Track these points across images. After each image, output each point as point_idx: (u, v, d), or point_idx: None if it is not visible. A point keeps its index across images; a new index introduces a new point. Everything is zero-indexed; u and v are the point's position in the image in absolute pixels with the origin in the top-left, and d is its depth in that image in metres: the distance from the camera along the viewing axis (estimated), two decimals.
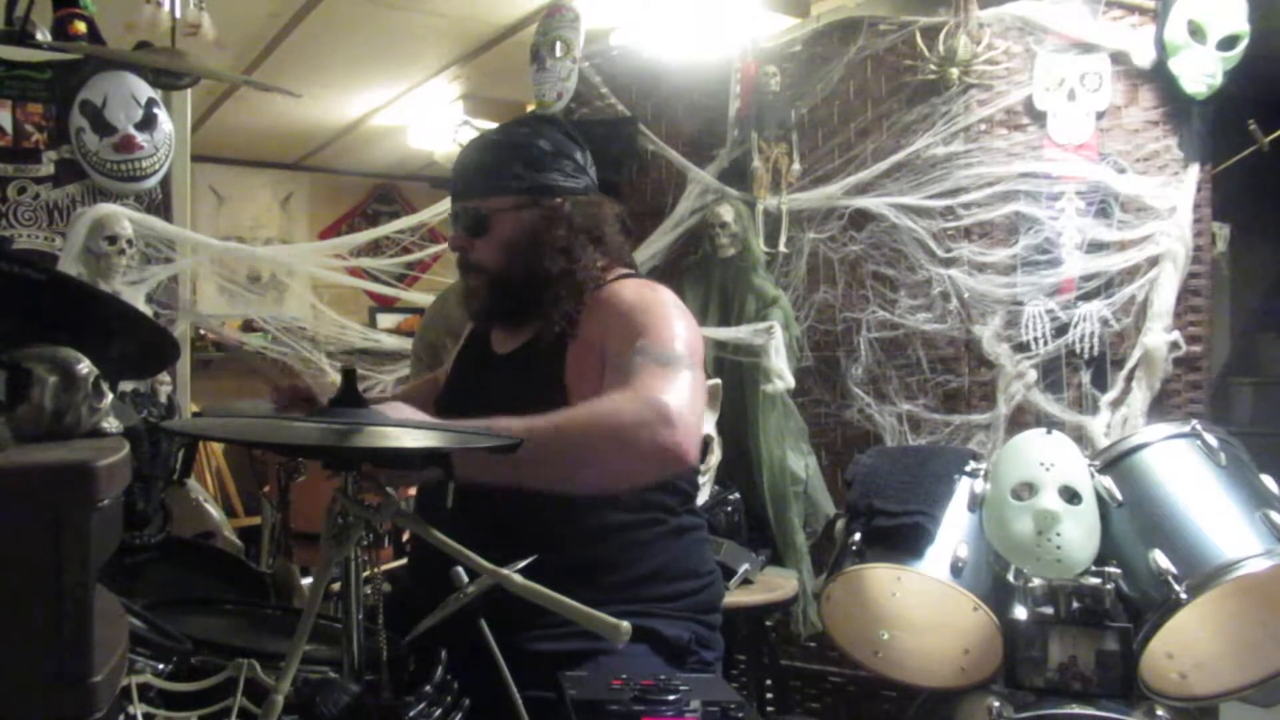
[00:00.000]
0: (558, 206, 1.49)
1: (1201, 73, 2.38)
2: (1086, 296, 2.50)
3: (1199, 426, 1.95)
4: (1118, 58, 2.51)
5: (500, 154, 1.52)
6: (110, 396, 0.92)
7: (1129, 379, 2.45)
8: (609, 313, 1.45)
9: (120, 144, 2.65)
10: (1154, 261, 2.43)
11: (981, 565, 1.92)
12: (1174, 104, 2.45)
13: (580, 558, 1.37)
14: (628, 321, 1.42)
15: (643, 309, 1.44)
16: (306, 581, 2.23)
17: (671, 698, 1.08)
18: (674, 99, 3.06)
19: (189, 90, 2.96)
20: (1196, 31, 2.38)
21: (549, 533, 1.29)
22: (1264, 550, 1.71)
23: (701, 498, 2.54)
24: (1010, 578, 1.88)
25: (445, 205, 2.99)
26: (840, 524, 2.10)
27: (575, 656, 1.32)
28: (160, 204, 2.78)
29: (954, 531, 1.94)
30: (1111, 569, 1.81)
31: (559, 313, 1.47)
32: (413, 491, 1.57)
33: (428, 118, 5.01)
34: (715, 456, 2.59)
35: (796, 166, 2.85)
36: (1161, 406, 2.43)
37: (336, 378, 2.85)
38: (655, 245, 2.92)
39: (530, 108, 3.42)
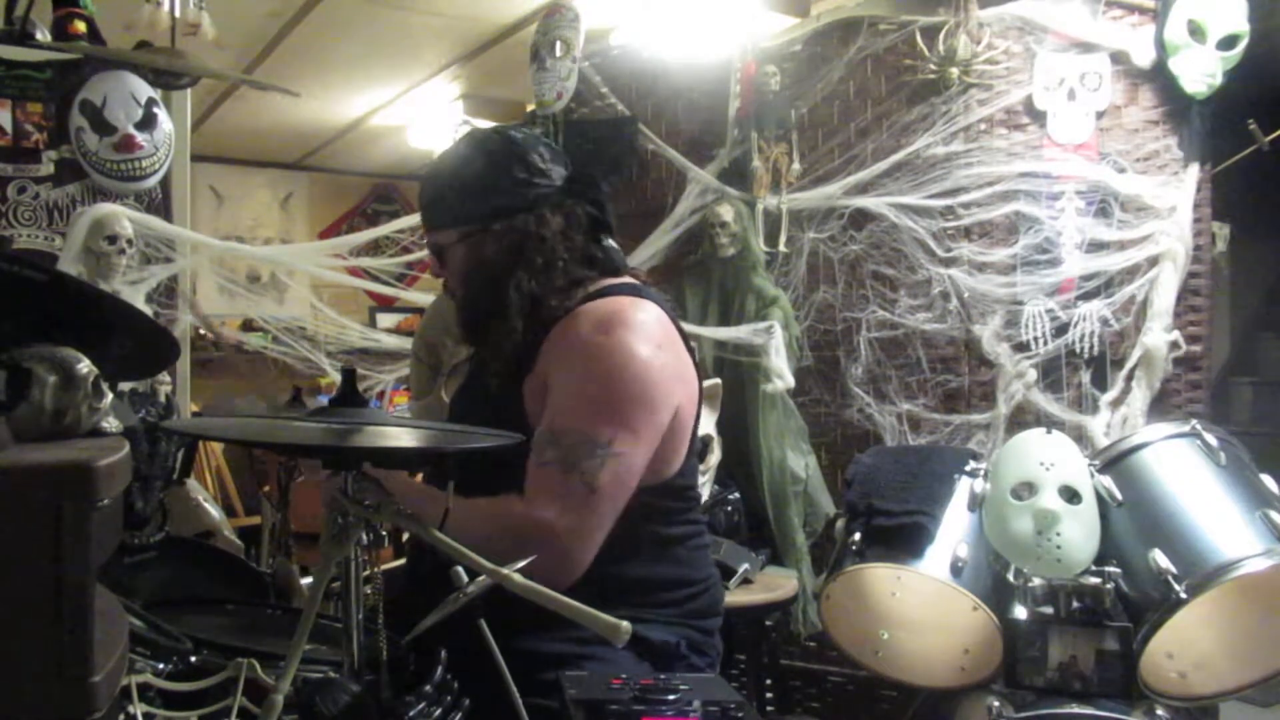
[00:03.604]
0: (495, 233, 1.45)
1: (1201, 72, 2.37)
2: (1086, 296, 2.50)
3: (1199, 426, 1.96)
4: (1118, 57, 2.51)
5: (439, 186, 1.51)
6: (110, 396, 0.92)
7: (1129, 379, 2.45)
8: (557, 352, 1.41)
9: (120, 144, 2.64)
10: (1154, 261, 2.43)
11: (981, 565, 1.92)
12: (1174, 104, 2.45)
13: None
14: (563, 377, 1.39)
15: (586, 361, 1.38)
16: (306, 581, 2.23)
17: (671, 698, 1.08)
18: (674, 99, 3.06)
19: (189, 90, 2.95)
20: (1196, 31, 2.38)
21: None
22: (1264, 550, 1.71)
23: (701, 498, 2.54)
24: (1010, 577, 1.88)
25: None
26: (840, 524, 2.10)
27: (562, 659, 1.32)
28: (160, 204, 2.78)
29: (954, 531, 1.94)
30: (1111, 569, 1.81)
31: (498, 348, 1.45)
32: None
33: (427, 117, 5.01)
34: (715, 456, 2.59)
35: (796, 166, 2.85)
36: (1161, 406, 2.43)
37: (336, 377, 2.85)
38: (655, 245, 2.92)
39: (530, 107, 3.42)
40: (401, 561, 2.22)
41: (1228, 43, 2.37)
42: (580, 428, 1.34)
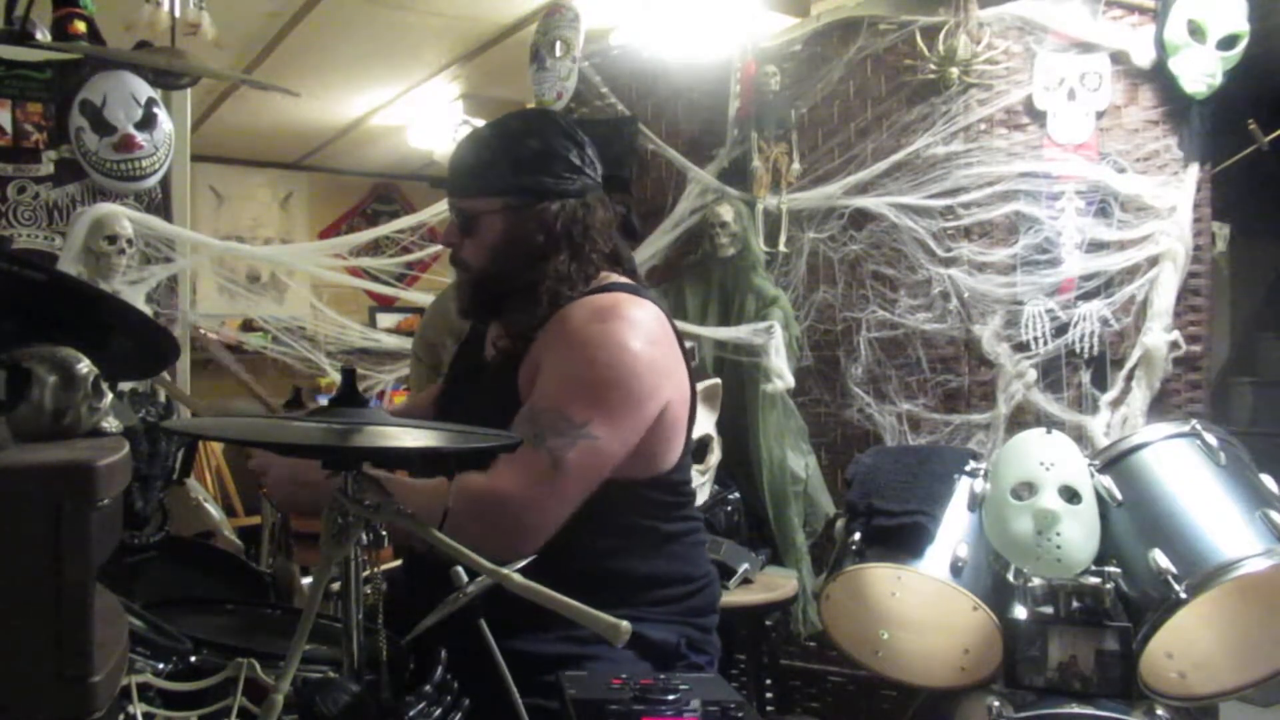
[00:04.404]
0: (542, 211, 1.44)
1: (1201, 72, 2.38)
2: (1086, 296, 2.50)
3: (1199, 426, 1.96)
4: (1118, 57, 2.51)
5: (489, 153, 1.49)
6: (110, 396, 0.92)
7: (1129, 379, 2.46)
8: (551, 337, 1.41)
9: (120, 143, 2.64)
10: (1154, 261, 2.44)
11: (981, 565, 1.92)
12: (1174, 104, 2.46)
13: (566, 565, 1.34)
14: (552, 359, 1.39)
15: (573, 347, 1.38)
16: (306, 581, 2.23)
17: (671, 698, 1.08)
18: (674, 99, 3.06)
19: (189, 90, 2.96)
20: (1196, 31, 2.38)
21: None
22: (1264, 550, 1.71)
23: (701, 498, 2.54)
24: (1010, 577, 1.88)
25: (445, 205, 3.01)
26: (840, 524, 2.10)
27: (562, 659, 1.32)
28: (160, 204, 2.78)
29: (954, 531, 1.94)
30: (1111, 568, 1.81)
31: (516, 325, 1.45)
32: None
33: (427, 117, 5.01)
34: (715, 456, 2.59)
35: (796, 166, 2.85)
36: (1161, 406, 2.43)
37: (336, 377, 2.85)
38: (655, 245, 2.92)
39: (530, 107, 3.42)
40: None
41: (1228, 43, 2.37)
42: (557, 407, 1.34)
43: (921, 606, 2.01)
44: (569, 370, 1.38)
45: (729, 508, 2.62)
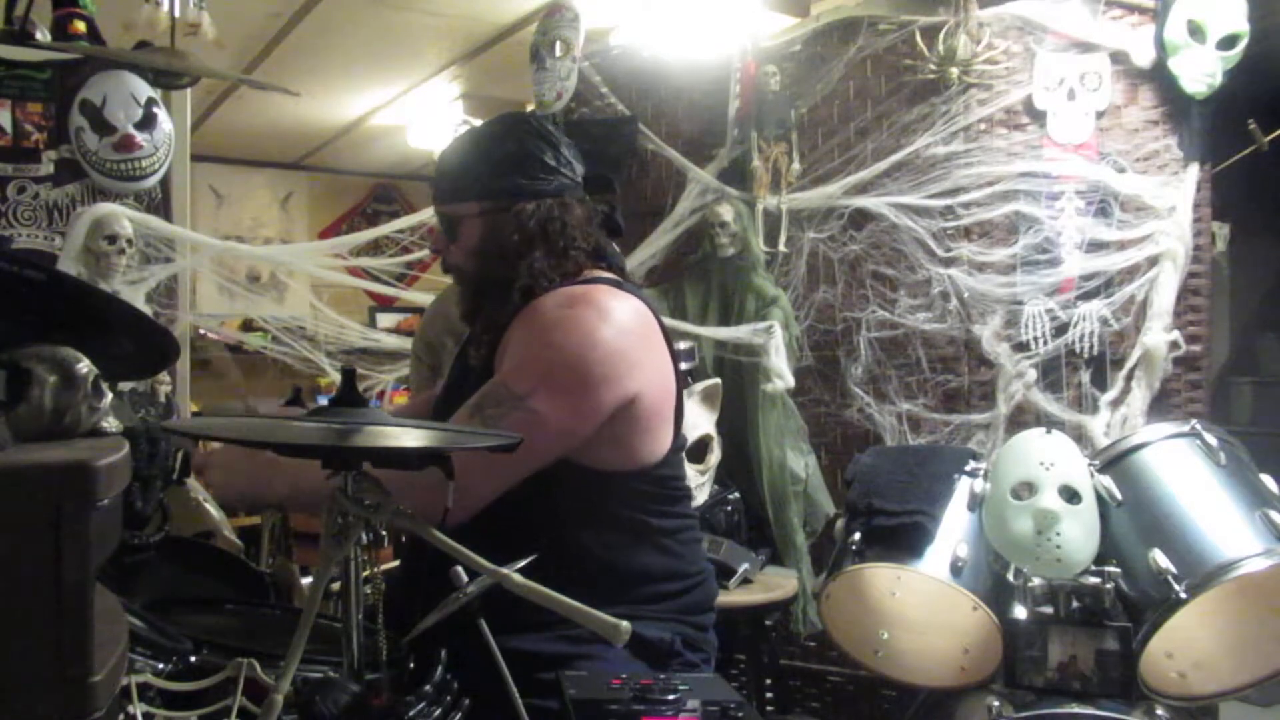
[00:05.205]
0: (518, 211, 1.47)
1: (1201, 72, 2.38)
2: (1086, 296, 2.50)
3: (1199, 426, 1.96)
4: (1117, 57, 2.51)
5: (466, 159, 1.52)
6: (110, 396, 0.92)
7: (1129, 378, 2.46)
8: (519, 324, 1.44)
9: (120, 143, 2.64)
10: (1153, 261, 2.44)
11: (981, 565, 1.92)
12: (1174, 103, 2.46)
13: (559, 563, 1.31)
14: (517, 341, 1.41)
15: (535, 329, 1.40)
16: (306, 581, 2.23)
17: (671, 697, 1.08)
18: (674, 99, 3.06)
19: (189, 90, 2.95)
20: (1196, 31, 2.38)
21: (527, 538, 1.28)
22: (1263, 550, 1.71)
23: (701, 497, 2.54)
24: (1010, 577, 1.88)
25: None
26: (840, 524, 2.10)
27: (556, 659, 1.32)
28: (160, 203, 2.78)
29: (954, 531, 1.94)
30: (1111, 568, 1.81)
31: (492, 320, 1.47)
32: None
33: (427, 117, 5.01)
34: (715, 456, 2.60)
35: (796, 166, 2.85)
36: (1161, 406, 2.43)
37: (336, 377, 2.85)
38: (655, 245, 2.92)
39: (529, 107, 3.42)
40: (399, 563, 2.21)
41: (1228, 42, 2.37)
42: (504, 380, 1.37)
43: (921, 606, 2.01)
44: (525, 349, 1.40)
45: (729, 508, 2.62)
